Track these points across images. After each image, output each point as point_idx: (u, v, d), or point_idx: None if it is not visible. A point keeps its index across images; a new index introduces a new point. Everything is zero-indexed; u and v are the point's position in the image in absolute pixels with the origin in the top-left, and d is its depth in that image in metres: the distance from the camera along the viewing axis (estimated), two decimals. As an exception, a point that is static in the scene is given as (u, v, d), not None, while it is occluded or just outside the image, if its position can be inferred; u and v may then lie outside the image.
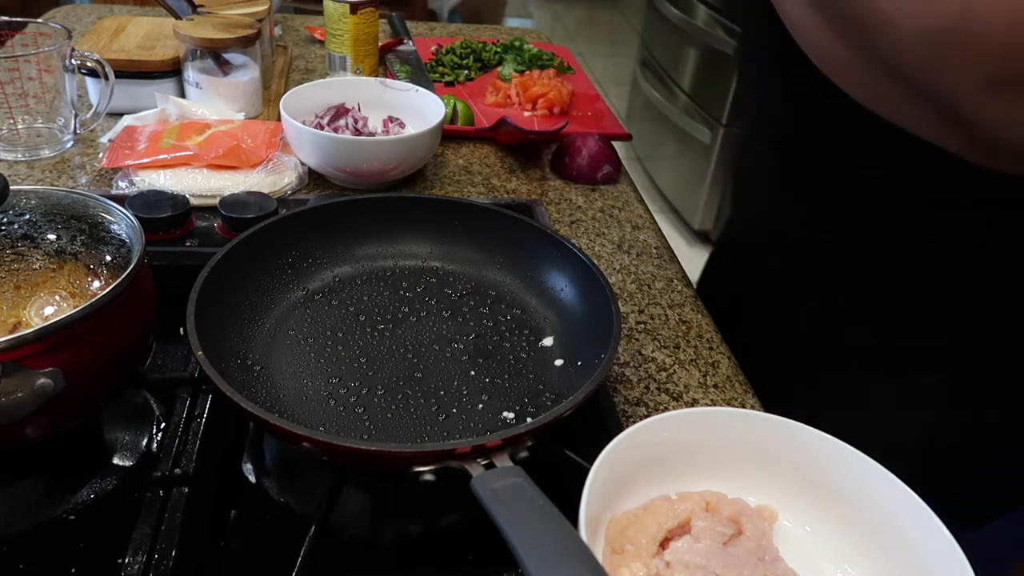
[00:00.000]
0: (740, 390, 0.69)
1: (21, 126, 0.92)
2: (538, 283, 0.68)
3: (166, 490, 0.49)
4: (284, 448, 0.59)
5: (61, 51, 0.90)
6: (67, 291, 0.59)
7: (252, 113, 1.06)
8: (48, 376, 0.47)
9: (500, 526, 0.40)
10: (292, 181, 0.90)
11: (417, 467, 0.46)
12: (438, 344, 0.63)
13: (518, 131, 1.00)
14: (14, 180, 0.87)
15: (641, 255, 0.88)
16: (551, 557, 0.38)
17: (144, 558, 0.44)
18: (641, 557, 0.45)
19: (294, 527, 0.53)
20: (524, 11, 5.05)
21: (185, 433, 0.53)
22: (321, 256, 0.69)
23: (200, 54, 1.01)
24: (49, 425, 0.50)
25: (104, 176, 0.90)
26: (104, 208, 0.59)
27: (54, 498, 0.53)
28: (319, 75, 1.25)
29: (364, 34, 1.15)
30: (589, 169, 1.00)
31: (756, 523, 0.49)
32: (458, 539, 0.54)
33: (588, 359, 0.59)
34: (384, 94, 1.01)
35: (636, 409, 0.65)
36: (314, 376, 0.59)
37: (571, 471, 0.52)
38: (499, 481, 0.44)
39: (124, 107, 1.00)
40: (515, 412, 0.58)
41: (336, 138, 0.87)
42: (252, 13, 1.08)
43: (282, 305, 0.65)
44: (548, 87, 1.17)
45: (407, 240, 0.72)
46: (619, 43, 5.00)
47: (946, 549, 0.45)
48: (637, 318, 0.77)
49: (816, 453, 0.51)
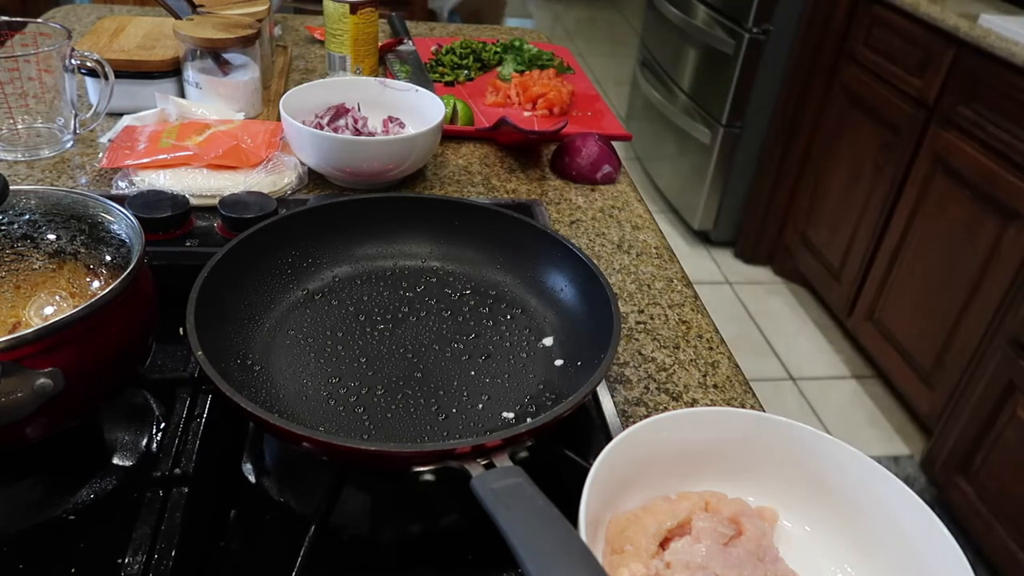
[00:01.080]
0: (740, 390, 0.69)
1: (21, 126, 0.92)
2: (538, 283, 0.68)
3: (166, 490, 0.49)
4: (284, 448, 0.59)
5: (61, 51, 0.90)
6: (67, 291, 0.59)
7: (252, 113, 1.06)
8: (48, 376, 0.47)
9: (500, 526, 0.40)
10: (292, 181, 0.90)
11: (417, 467, 0.46)
12: (438, 344, 0.63)
13: (518, 131, 1.00)
14: (14, 180, 0.87)
15: (641, 255, 0.88)
16: (551, 557, 0.38)
17: (144, 558, 0.44)
18: (641, 557, 0.45)
19: (294, 527, 0.53)
20: (524, 11, 5.05)
21: (185, 433, 0.53)
22: (321, 256, 0.69)
23: (200, 54, 1.01)
24: (49, 425, 0.50)
25: (104, 176, 0.90)
26: (104, 208, 0.59)
27: (54, 498, 0.53)
28: (319, 75, 1.25)
29: (364, 34, 1.15)
30: (589, 169, 1.00)
31: (756, 523, 0.49)
32: (458, 539, 0.54)
33: (588, 359, 0.59)
34: (384, 94, 1.01)
35: (636, 409, 0.65)
36: (314, 376, 0.59)
37: (571, 471, 0.52)
38: (499, 481, 0.44)
39: (124, 107, 1.01)
40: (515, 412, 0.58)
41: (336, 138, 0.87)
42: (252, 13, 1.08)
43: (282, 305, 0.65)
44: (548, 87, 1.18)
45: (407, 240, 0.72)
46: (619, 43, 5.00)
47: (947, 549, 0.45)
48: (637, 318, 0.77)
49: (816, 453, 0.51)
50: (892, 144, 2.07)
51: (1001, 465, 1.62)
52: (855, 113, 2.23)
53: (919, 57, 1.96)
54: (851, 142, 2.25)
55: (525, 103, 1.18)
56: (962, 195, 1.83)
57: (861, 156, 2.21)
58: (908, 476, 1.95)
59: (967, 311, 1.82)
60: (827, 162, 2.36)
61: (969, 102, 1.81)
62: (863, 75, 2.19)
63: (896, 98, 2.05)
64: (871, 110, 2.16)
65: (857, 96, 2.21)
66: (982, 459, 1.67)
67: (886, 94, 2.09)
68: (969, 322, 1.81)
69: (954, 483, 1.75)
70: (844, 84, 2.27)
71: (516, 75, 1.24)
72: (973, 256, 1.80)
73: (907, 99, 2.01)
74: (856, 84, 2.22)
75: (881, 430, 2.13)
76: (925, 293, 1.97)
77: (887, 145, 2.10)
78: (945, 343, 1.89)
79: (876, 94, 2.13)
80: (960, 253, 1.84)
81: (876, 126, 2.14)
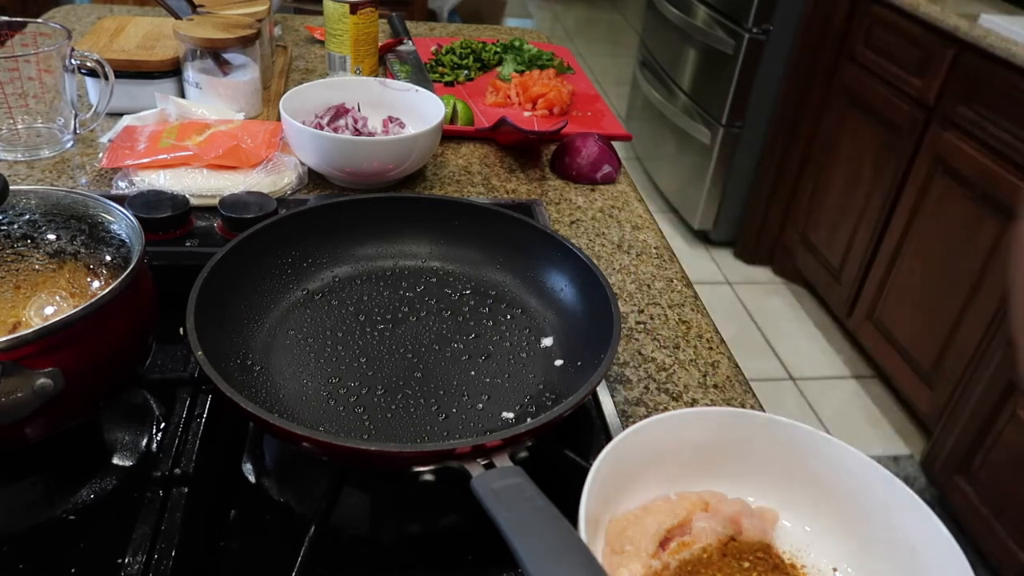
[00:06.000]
0: (740, 390, 0.69)
1: (21, 126, 0.92)
2: (538, 283, 0.68)
3: (166, 490, 0.49)
4: (284, 448, 0.58)
5: (61, 51, 0.90)
6: (67, 291, 0.59)
7: (252, 113, 1.06)
8: (48, 376, 0.47)
9: (500, 526, 0.40)
10: (292, 181, 0.90)
11: (417, 467, 0.46)
12: (438, 344, 0.63)
13: (518, 131, 1.00)
14: (14, 180, 0.87)
15: (641, 255, 0.88)
16: (551, 557, 0.38)
17: (144, 558, 0.44)
18: (640, 557, 0.45)
19: (294, 527, 0.53)
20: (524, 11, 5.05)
21: (185, 433, 0.53)
22: (321, 256, 0.69)
23: (200, 54, 1.01)
24: (49, 425, 0.50)
25: (104, 176, 0.90)
26: (104, 208, 0.59)
27: (54, 498, 0.53)
28: (319, 75, 1.25)
29: (364, 34, 1.15)
30: (589, 169, 1.00)
31: (756, 523, 0.49)
32: (458, 539, 0.54)
33: (588, 359, 0.58)
34: (384, 94, 1.01)
35: (636, 409, 0.65)
36: (314, 376, 0.59)
37: (571, 471, 0.52)
38: (499, 481, 0.44)
39: (124, 107, 1.00)
40: (515, 412, 0.58)
41: (336, 138, 0.87)
42: (252, 13, 1.08)
43: (282, 305, 0.65)
44: (548, 87, 1.17)
45: (407, 240, 0.72)
46: (619, 43, 5.00)
47: (947, 549, 0.44)
48: (637, 318, 0.77)
49: (816, 453, 0.51)
50: (892, 144, 2.07)
51: (1001, 465, 1.62)
52: (855, 113, 2.23)
53: (919, 57, 1.96)
54: (851, 142, 2.25)
55: (525, 103, 1.18)
56: (962, 195, 1.83)
57: (861, 156, 2.21)
58: (908, 476, 1.95)
59: (967, 311, 1.82)
60: (827, 162, 2.36)
61: (969, 102, 1.81)
62: (863, 75, 2.19)
63: (896, 98, 2.05)
64: (871, 110, 2.16)
65: (857, 96, 2.21)
66: (982, 459, 1.67)
67: (886, 94, 2.09)
68: (969, 322, 1.81)
69: (954, 483, 1.75)
70: (844, 84, 2.27)
71: (516, 75, 1.24)
72: (973, 256, 1.79)
73: (907, 99, 2.01)
74: (856, 84, 2.21)
75: (881, 430, 2.13)
76: (925, 293, 1.97)
77: (887, 145, 2.10)
78: (945, 343, 1.89)
79: (876, 94, 2.13)
80: (960, 253, 1.84)
81: (876, 126, 2.14)
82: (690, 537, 0.48)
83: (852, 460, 0.50)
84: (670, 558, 0.46)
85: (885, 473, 0.49)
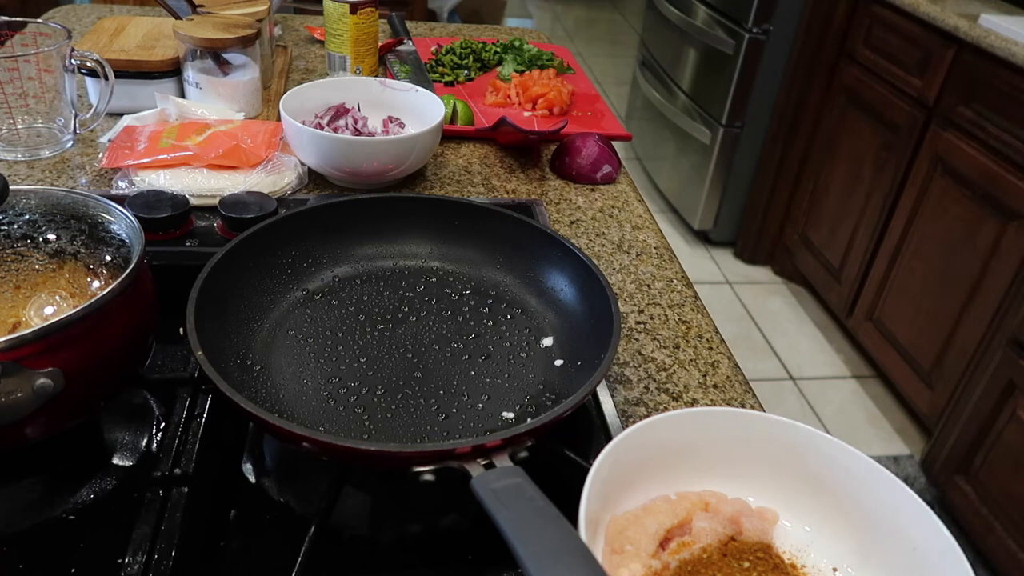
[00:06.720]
0: (740, 390, 0.69)
1: (21, 126, 0.92)
2: (538, 283, 0.68)
3: (166, 490, 0.49)
4: (284, 448, 0.58)
5: (61, 51, 0.90)
6: (67, 291, 0.59)
7: (252, 113, 1.06)
8: (48, 376, 0.47)
9: (500, 526, 0.40)
10: (292, 181, 0.90)
11: (417, 467, 0.46)
12: (438, 344, 0.63)
13: (518, 131, 1.00)
14: (14, 180, 0.87)
15: (641, 255, 0.88)
16: (551, 557, 0.38)
17: (144, 558, 0.44)
18: (640, 557, 0.45)
19: (294, 527, 0.53)
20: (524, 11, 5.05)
21: (185, 433, 0.53)
22: (321, 256, 0.69)
23: (200, 54, 1.01)
24: (49, 425, 0.50)
25: (104, 176, 0.90)
26: (104, 208, 0.59)
27: (54, 498, 0.53)
28: (319, 75, 1.25)
29: (364, 34, 1.15)
30: (589, 169, 1.00)
31: (756, 523, 0.49)
32: (458, 539, 0.54)
33: (588, 359, 0.58)
34: (384, 94, 1.01)
35: (636, 409, 0.65)
36: (314, 376, 0.59)
37: (571, 471, 0.52)
38: (499, 481, 0.44)
39: (124, 107, 1.00)
40: (515, 412, 0.58)
41: (336, 138, 0.87)
42: (252, 13, 1.08)
43: (282, 305, 0.65)
44: (548, 87, 1.17)
45: (407, 240, 0.72)
46: (619, 43, 5.00)
47: (947, 549, 0.44)
48: (637, 318, 0.77)
49: (816, 453, 0.51)
50: (892, 144, 2.07)
51: (1001, 465, 1.62)
52: (855, 113, 2.23)
53: (919, 57, 1.96)
54: (851, 142, 2.25)
55: (525, 103, 1.18)
56: (962, 195, 1.83)
57: (861, 156, 2.21)
58: (908, 476, 1.95)
59: (967, 311, 1.82)
60: (827, 162, 2.36)
61: (969, 102, 1.81)
62: (863, 75, 2.19)
63: (896, 98, 2.05)
64: (871, 110, 2.16)
65: (857, 96, 2.21)
66: (982, 459, 1.67)
67: (886, 94, 2.09)
68: (969, 322, 1.81)
69: (954, 483, 1.75)
70: (844, 84, 2.27)
71: (516, 75, 1.24)
72: (973, 256, 1.80)
73: (907, 99, 2.01)
74: (856, 84, 2.22)
75: (881, 430, 2.13)
76: (925, 293, 1.97)
77: (887, 145, 2.10)
78: (945, 343, 1.89)
79: (876, 94, 2.13)
80: (960, 253, 1.84)
81: (876, 126, 2.14)
82: (690, 537, 0.48)
83: (852, 460, 0.50)
84: (670, 558, 0.46)
85: (885, 473, 0.49)
